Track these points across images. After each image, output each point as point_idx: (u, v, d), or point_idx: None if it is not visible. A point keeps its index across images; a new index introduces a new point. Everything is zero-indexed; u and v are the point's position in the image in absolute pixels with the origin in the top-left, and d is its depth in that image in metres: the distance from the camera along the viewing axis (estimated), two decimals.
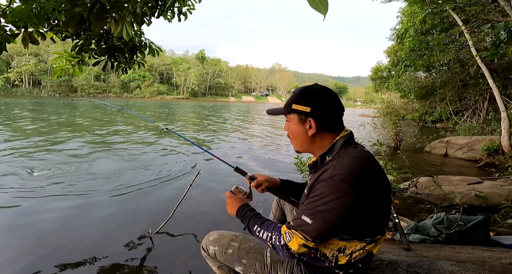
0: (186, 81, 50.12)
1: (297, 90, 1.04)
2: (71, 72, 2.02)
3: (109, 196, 3.35)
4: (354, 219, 0.88)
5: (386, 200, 0.95)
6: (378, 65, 20.38)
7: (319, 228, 0.86)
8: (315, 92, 0.99)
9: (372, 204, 0.89)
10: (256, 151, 6.82)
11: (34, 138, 6.83)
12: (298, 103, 0.99)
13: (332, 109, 0.99)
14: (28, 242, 2.31)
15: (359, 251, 0.94)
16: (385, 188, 0.94)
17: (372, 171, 0.91)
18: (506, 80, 11.08)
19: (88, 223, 2.67)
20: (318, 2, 0.66)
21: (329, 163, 0.95)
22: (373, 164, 0.94)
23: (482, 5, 7.34)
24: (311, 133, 0.99)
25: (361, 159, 0.92)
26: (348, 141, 0.98)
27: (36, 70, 39.47)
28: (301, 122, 1.00)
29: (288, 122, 1.06)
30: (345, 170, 0.87)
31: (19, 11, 1.47)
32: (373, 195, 0.89)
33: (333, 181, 0.86)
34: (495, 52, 2.42)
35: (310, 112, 0.97)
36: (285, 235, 0.93)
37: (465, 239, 1.92)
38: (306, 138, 1.01)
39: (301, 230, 0.89)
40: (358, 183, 0.86)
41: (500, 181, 3.89)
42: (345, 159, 0.91)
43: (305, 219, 0.88)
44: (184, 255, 2.22)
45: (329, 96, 0.99)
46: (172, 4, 2.05)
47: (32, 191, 3.36)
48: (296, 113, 1.00)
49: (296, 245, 0.89)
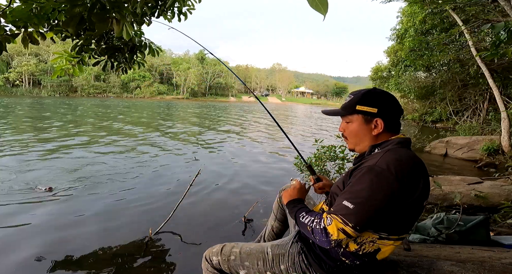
0: (186, 81, 50.11)
1: (358, 92, 1.08)
2: (71, 72, 2.02)
3: (109, 196, 3.35)
4: (391, 211, 0.90)
5: (420, 204, 0.96)
6: (378, 65, 20.37)
7: (360, 212, 0.88)
8: (380, 94, 1.05)
9: (409, 200, 0.91)
10: (256, 151, 6.82)
11: (25, 135, 6.83)
12: (363, 104, 1.03)
13: (395, 110, 1.05)
14: (28, 241, 2.31)
15: (370, 243, 0.97)
16: (424, 192, 0.95)
17: (418, 171, 0.93)
18: (506, 80, 11.07)
19: (87, 223, 2.67)
20: (318, 2, 0.66)
21: (376, 154, 0.99)
22: (421, 166, 0.96)
23: (482, 5, 7.33)
24: (377, 133, 1.04)
25: (411, 158, 0.95)
26: (402, 142, 1.01)
27: (37, 70, 39.45)
28: (366, 122, 1.04)
29: (348, 123, 1.10)
30: (393, 160, 0.91)
31: (19, 11, 1.46)
32: (412, 192, 0.91)
33: (378, 168, 0.89)
34: (495, 52, 2.42)
35: (377, 112, 1.02)
36: (325, 218, 0.94)
37: (465, 239, 1.92)
38: (369, 137, 1.05)
39: (341, 214, 0.90)
40: (403, 174, 0.88)
41: (500, 181, 3.89)
42: (395, 153, 0.94)
43: (346, 203, 0.90)
44: (184, 255, 2.23)
45: (392, 98, 1.05)
46: (172, 4, 2.05)
47: (33, 191, 3.36)
48: (361, 113, 1.04)
49: (335, 230, 0.90)
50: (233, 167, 5.06)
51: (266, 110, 1.73)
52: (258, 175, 4.64)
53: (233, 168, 4.94)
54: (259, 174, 4.68)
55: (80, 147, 6.05)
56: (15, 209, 2.88)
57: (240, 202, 3.35)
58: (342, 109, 1.10)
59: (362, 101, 1.04)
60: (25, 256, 2.11)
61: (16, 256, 2.11)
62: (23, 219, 2.68)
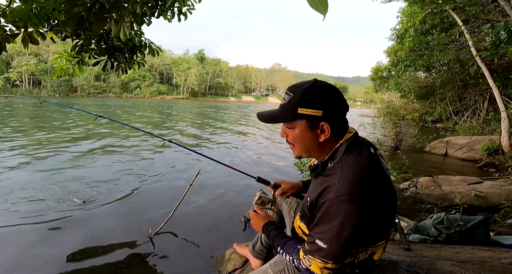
0: (186, 81, 50.09)
1: (297, 89, 0.88)
2: (71, 72, 2.03)
3: (109, 196, 3.35)
4: (363, 232, 0.87)
5: (392, 205, 0.93)
6: (378, 65, 20.36)
7: (334, 250, 0.85)
8: (323, 91, 0.87)
9: (379, 214, 0.88)
10: (256, 151, 6.82)
11: (24, 138, 6.82)
12: (305, 106, 0.86)
13: (342, 109, 0.89)
14: (28, 240, 2.31)
15: (362, 253, 0.96)
16: (390, 193, 0.91)
17: (376, 180, 0.87)
18: (506, 80, 11.08)
19: (87, 224, 2.67)
20: (318, 2, 0.66)
21: (331, 174, 0.89)
22: (377, 170, 0.89)
23: (482, 5, 7.34)
24: (324, 139, 0.89)
25: (364, 169, 0.86)
26: (351, 145, 0.90)
27: (37, 70, 39.46)
28: (311, 128, 0.89)
29: (290, 129, 0.93)
30: (350, 187, 0.82)
31: (19, 11, 1.47)
32: (380, 205, 0.87)
33: (340, 202, 0.82)
34: (495, 52, 2.43)
35: (322, 115, 0.86)
36: (304, 260, 0.91)
37: (465, 239, 1.92)
38: (314, 144, 0.92)
39: (317, 255, 0.87)
40: (364, 199, 0.82)
41: (500, 181, 3.89)
42: (348, 172, 0.85)
43: (318, 243, 0.86)
44: (184, 255, 2.23)
45: (337, 94, 0.88)
46: (172, 4, 2.06)
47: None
48: (304, 118, 0.88)
49: (317, 269, 0.88)
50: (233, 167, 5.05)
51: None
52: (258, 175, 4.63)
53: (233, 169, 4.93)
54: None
55: (75, 148, 6.05)
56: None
57: (240, 202, 3.34)
58: (281, 112, 0.92)
59: (304, 101, 0.86)
60: (25, 256, 2.11)
61: (16, 255, 2.11)
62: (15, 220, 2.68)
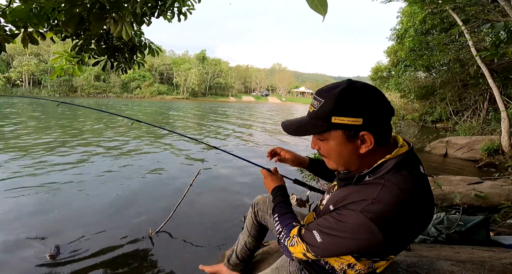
0: (187, 81, 50.09)
1: (329, 94, 0.74)
2: (71, 72, 2.03)
3: (109, 196, 3.35)
4: (372, 252, 0.82)
5: (422, 228, 0.80)
6: (378, 65, 20.35)
7: (325, 249, 0.79)
8: (362, 94, 0.72)
9: (401, 239, 0.78)
10: (257, 151, 6.82)
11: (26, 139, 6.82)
12: (341, 115, 0.72)
13: (386, 114, 0.75)
14: (28, 240, 2.31)
15: (367, 269, 0.91)
16: (426, 216, 0.78)
17: (416, 208, 0.73)
18: (506, 80, 11.07)
19: (88, 223, 2.67)
20: (318, 3, 0.66)
21: (367, 189, 0.75)
22: (421, 194, 0.75)
23: (482, 5, 7.34)
24: (365, 150, 0.75)
25: (408, 193, 0.72)
26: (401, 163, 0.75)
27: (37, 70, 39.45)
28: (349, 139, 0.75)
29: (323, 141, 0.81)
30: (383, 210, 0.70)
31: (19, 11, 1.47)
32: (406, 232, 0.76)
33: (364, 217, 0.70)
34: (495, 52, 2.43)
35: (362, 124, 0.72)
36: (291, 238, 0.87)
37: (465, 239, 1.92)
38: (354, 156, 0.78)
39: (307, 242, 0.82)
40: (392, 225, 0.70)
41: (500, 181, 3.89)
42: (389, 191, 0.71)
43: (315, 235, 0.79)
44: (184, 255, 2.23)
45: (379, 96, 0.74)
46: (172, 4, 2.06)
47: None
48: (341, 128, 0.74)
49: (297, 251, 0.85)
50: (233, 167, 5.06)
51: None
52: (258, 175, 4.63)
53: (233, 168, 4.93)
54: (259, 174, 4.65)
55: (74, 148, 6.05)
56: None
57: (240, 202, 3.35)
58: (311, 122, 0.78)
59: (339, 109, 0.72)
60: (24, 256, 2.11)
61: (13, 255, 2.11)
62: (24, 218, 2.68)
